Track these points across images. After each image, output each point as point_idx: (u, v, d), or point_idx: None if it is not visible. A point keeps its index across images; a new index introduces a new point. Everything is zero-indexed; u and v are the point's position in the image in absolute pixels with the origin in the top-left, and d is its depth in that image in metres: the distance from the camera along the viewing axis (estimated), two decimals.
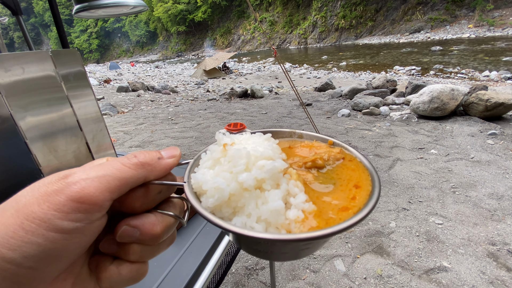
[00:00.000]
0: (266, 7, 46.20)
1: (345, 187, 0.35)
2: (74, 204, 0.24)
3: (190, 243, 0.99)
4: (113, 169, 0.28)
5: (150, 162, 0.31)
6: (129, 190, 0.30)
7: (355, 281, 1.91)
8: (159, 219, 0.30)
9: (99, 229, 0.28)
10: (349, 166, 0.40)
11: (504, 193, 2.68)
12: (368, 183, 0.35)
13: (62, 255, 0.25)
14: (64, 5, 52.00)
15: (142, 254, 0.30)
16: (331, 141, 0.44)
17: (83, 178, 0.26)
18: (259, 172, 0.33)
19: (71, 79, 1.22)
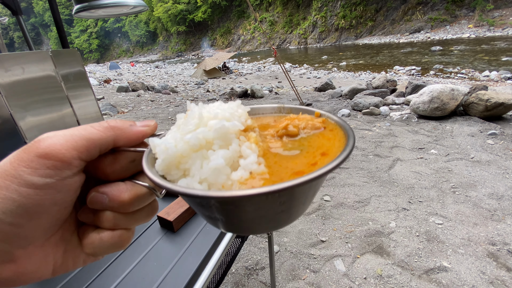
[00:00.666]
0: (266, 7, 46.19)
1: (311, 154, 0.33)
2: (41, 160, 0.25)
3: (190, 243, 0.99)
4: (81, 130, 0.28)
5: (120, 126, 0.31)
6: (100, 156, 0.30)
7: (355, 281, 1.91)
8: (129, 187, 0.31)
9: (74, 188, 0.28)
10: (327, 135, 0.37)
11: (504, 193, 2.68)
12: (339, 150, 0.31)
13: (39, 210, 0.26)
14: (64, 5, 52.00)
15: (115, 222, 0.30)
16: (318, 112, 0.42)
17: (50, 136, 0.27)
18: (206, 131, 0.31)
19: (71, 79, 1.22)
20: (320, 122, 0.38)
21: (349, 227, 2.43)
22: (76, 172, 0.28)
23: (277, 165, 0.31)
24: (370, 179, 3.16)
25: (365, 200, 2.78)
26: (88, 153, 0.28)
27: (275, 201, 0.29)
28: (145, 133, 0.33)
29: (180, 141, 0.30)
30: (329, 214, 2.62)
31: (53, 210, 0.27)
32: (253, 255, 2.21)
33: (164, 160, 0.30)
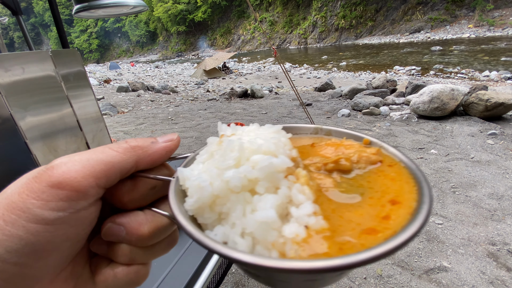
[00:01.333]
0: (266, 7, 46.21)
1: (377, 201, 0.26)
2: (54, 191, 0.22)
3: (190, 243, 0.99)
4: (98, 153, 0.25)
5: (142, 145, 0.27)
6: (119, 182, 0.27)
7: (355, 281, 1.91)
8: (149, 218, 0.27)
9: (90, 221, 0.25)
10: (388, 173, 0.30)
11: (504, 193, 2.68)
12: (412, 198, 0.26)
13: (48, 249, 0.22)
14: (64, 5, 52.04)
15: (132, 256, 0.27)
16: (367, 139, 0.35)
17: (64, 162, 0.23)
18: (250, 169, 0.25)
19: (71, 79, 1.22)
20: (374, 154, 0.32)
21: None
22: (92, 202, 0.25)
23: (336, 216, 0.25)
24: None
25: None
26: (107, 180, 0.25)
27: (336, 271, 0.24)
28: (169, 149, 0.29)
29: (216, 179, 0.26)
30: None
31: (65, 246, 0.24)
32: None
33: (197, 201, 0.26)
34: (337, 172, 0.31)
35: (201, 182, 0.26)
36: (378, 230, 0.23)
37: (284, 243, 0.23)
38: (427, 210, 0.23)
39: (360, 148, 0.33)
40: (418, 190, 0.26)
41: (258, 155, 0.27)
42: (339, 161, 0.31)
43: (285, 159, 0.27)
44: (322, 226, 0.24)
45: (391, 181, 0.29)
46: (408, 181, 0.28)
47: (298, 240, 0.23)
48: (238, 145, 0.27)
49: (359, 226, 0.24)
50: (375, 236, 0.23)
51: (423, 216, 0.22)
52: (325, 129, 0.40)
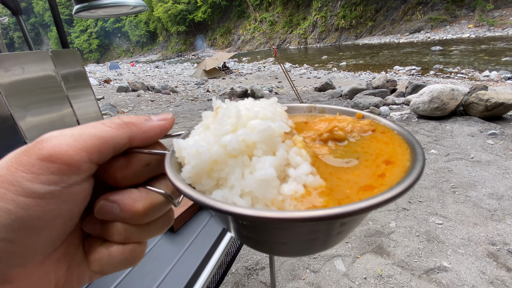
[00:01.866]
0: (266, 7, 46.20)
1: (372, 163, 0.28)
2: (45, 164, 0.21)
3: (190, 243, 0.99)
4: (90, 128, 0.24)
5: (135, 122, 0.27)
6: (112, 159, 0.26)
7: (355, 281, 1.91)
8: (143, 195, 0.27)
9: (82, 197, 0.24)
10: (381, 138, 0.31)
11: (504, 193, 2.68)
12: (406, 158, 0.27)
13: (39, 225, 0.22)
14: (64, 5, 52.03)
15: (127, 235, 0.26)
16: (360, 113, 0.36)
17: (54, 135, 0.23)
18: (248, 133, 0.26)
19: (71, 79, 1.22)
20: (367, 124, 0.33)
21: None
22: (85, 178, 0.24)
23: (334, 178, 0.26)
24: None
25: None
26: (100, 155, 0.24)
27: (337, 222, 0.24)
28: (163, 128, 0.29)
29: (214, 145, 0.26)
30: None
31: (57, 223, 0.23)
32: (253, 255, 2.21)
33: (194, 167, 0.25)
34: (331, 141, 0.32)
35: (198, 147, 0.26)
36: (374, 186, 0.24)
37: (283, 200, 0.24)
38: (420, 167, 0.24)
39: (353, 120, 0.34)
40: (411, 152, 0.27)
41: (256, 120, 0.27)
42: (333, 130, 0.32)
43: (282, 124, 0.27)
44: (320, 184, 0.24)
45: (384, 144, 0.30)
46: (401, 145, 0.29)
47: (297, 197, 0.23)
48: (235, 111, 0.27)
49: (356, 184, 0.25)
50: (372, 192, 0.24)
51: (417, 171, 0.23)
52: (319, 107, 0.40)
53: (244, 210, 0.21)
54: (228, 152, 0.25)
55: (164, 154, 0.28)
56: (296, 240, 0.26)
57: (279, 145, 0.26)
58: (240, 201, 0.24)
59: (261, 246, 0.29)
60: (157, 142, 0.30)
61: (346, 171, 0.27)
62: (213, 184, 0.26)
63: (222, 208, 0.21)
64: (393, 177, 0.25)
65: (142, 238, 0.28)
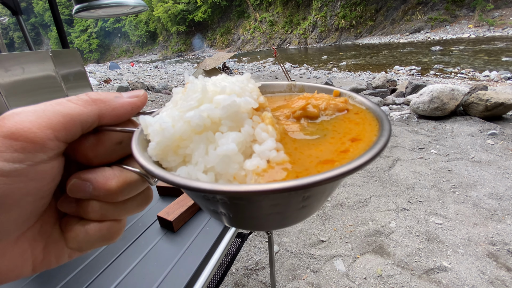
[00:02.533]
0: (266, 7, 46.20)
1: (338, 140, 0.28)
2: (7, 141, 0.21)
3: (190, 243, 0.99)
4: (55, 105, 0.23)
5: (104, 99, 0.26)
6: (81, 137, 0.26)
7: (355, 281, 1.91)
8: (116, 173, 0.26)
9: (52, 176, 0.24)
10: (353, 119, 0.32)
11: (504, 193, 2.68)
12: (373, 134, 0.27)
13: (8, 202, 0.21)
14: (64, 5, 52.03)
15: (103, 213, 0.26)
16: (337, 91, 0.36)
17: (16, 112, 0.22)
18: (213, 108, 0.25)
19: (71, 79, 1.22)
20: (342, 102, 0.33)
21: (349, 227, 2.43)
22: (53, 156, 0.23)
23: (298, 152, 0.27)
24: (370, 179, 3.16)
25: (365, 200, 2.78)
26: (67, 132, 0.24)
27: (299, 196, 0.24)
28: (134, 105, 0.28)
29: (179, 120, 0.25)
30: (329, 214, 2.62)
31: (26, 201, 0.23)
32: (253, 255, 2.21)
33: (159, 144, 0.25)
34: (304, 118, 0.32)
35: (162, 123, 0.25)
36: (335, 160, 0.25)
37: (245, 175, 0.24)
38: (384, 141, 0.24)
39: (329, 98, 0.34)
40: (379, 128, 0.27)
41: (222, 96, 0.26)
42: (306, 107, 0.32)
43: (249, 100, 0.27)
44: (283, 159, 0.24)
45: (355, 125, 0.30)
46: (371, 123, 0.29)
47: (258, 171, 0.23)
48: (201, 86, 0.27)
49: (317, 159, 0.25)
50: (332, 165, 0.24)
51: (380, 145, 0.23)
52: (299, 85, 0.40)
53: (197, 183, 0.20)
54: (193, 129, 0.25)
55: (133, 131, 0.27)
56: (262, 214, 0.27)
57: (245, 121, 0.26)
58: (204, 176, 0.24)
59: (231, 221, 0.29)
60: (129, 120, 0.29)
61: (311, 147, 0.28)
62: (180, 161, 0.26)
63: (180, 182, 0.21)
64: (357, 152, 0.25)
65: (119, 216, 0.28)
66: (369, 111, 0.32)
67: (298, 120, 0.32)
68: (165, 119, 0.26)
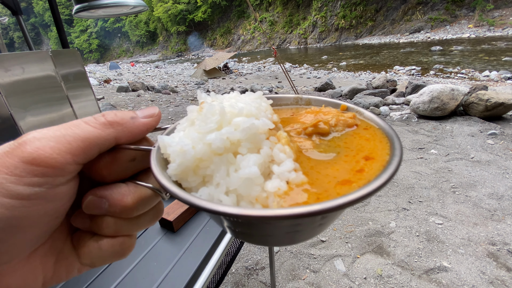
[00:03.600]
0: (266, 7, 46.19)
1: (352, 158, 0.29)
2: (28, 167, 0.21)
3: (190, 243, 0.99)
4: (74, 128, 0.24)
5: (121, 121, 0.27)
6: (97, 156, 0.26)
7: (355, 281, 1.91)
8: (131, 190, 0.27)
9: (68, 196, 0.25)
10: (363, 135, 0.32)
11: (504, 193, 2.68)
12: (385, 153, 0.28)
13: (25, 224, 0.22)
14: (64, 5, 52.01)
15: (117, 228, 0.26)
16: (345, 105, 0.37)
17: (37, 137, 0.22)
18: (232, 131, 0.26)
19: (71, 79, 1.22)
20: (351, 118, 0.34)
21: (349, 227, 2.43)
22: (70, 178, 0.24)
23: (315, 171, 0.27)
24: None
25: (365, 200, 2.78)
26: (85, 156, 0.24)
27: (317, 218, 0.25)
28: (149, 126, 0.29)
29: (199, 142, 0.26)
30: None
31: (43, 222, 0.23)
32: (253, 255, 2.21)
33: (180, 165, 0.26)
34: (316, 135, 0.33)
35: (183, 146, 0.26)
36: (352, 181, 0.25)
37: (267, 197, 0.24)
38: (397, 161, 0.25)
39: (337, 113, 0.35)
40: (390, 147, 0.28)
41: (240, 118, 0.27)
42: (317, 124, 0.33)
43: (266, 121, 0.28)
44: (302, 180, 0.25)
45: (366, 141, 0.31)
46: (381, 141, 0.31)
47: (280, 193, 0.24)
48: (219, 108, 0.28)
49: (335, 179, 0.26)
50: (350, 186, 0.25)
51: (394, 166, 0.24)
52: (305, 98, 0.41)
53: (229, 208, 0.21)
54: (213, 150, 0.26)
55: (150, 150, 0.28)
56: (281, 232, 0.27)
57: (263, 142, 0.27)
58: (226, 198, 0.24)
59: (249, 238, 0.30)
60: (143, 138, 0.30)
61: (326, 165, 0.28)
62: (200, 181, 0.26)
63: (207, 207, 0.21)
64: (372, 172, 0.26)
65: (132, 231, 0.28)
66: (378, 127, 0.33)
67: (309, 136, 0.33)
68: (185, 141, 0.27)
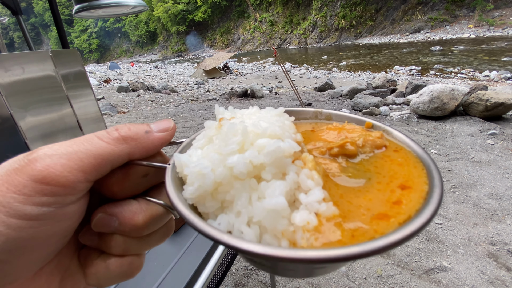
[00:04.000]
0: (266, 7, 46.19)
1: (386, 186, 0.25)
2: (37, 186, 0.20)
3: (190, 243, 0.99)
4: (86, 144, 0.23)
5: (135, 136, 0.25)
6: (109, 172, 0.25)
7: (355, 281, 1.91)
8: (143, 208, 0.26)
9: (78, 215, 0.23)
10: (394, 158, 0.29)
11: (504, 193, 2.68)
12: (423, 181, 0.25)
13: (33, 245, 0.21)
14: (64, 5, 52.02)
15: (126, 247, 0.25)
16: (370, 123, 0.33)
17: (48, 154, 0.21)
18: (256, 154, 0.24)
19: (71, 79, 1.22)
20: (379, 138, 0.31)
21: None
22: (81, 197, 0.23)
23: (345, 201, 0.24)
24: None
25: None
26: (97, 173, 0.23)
27: None
28: (164, 141, 0.27)
29: (219, 165, 0.24)
30: None
31: (50, 242, 0.22)
32: None
33: (198, 189, 0.24)
34: (342, 156, 0.29)
35: (202, 169, 0.24)
36: (390, 215, 0.22)
37: (294, 231, 0.22)
38: (439, 193, 0.22)
39: (363, 132, 0.32)
40: (427, 174, 0.25)
41: (264, 139, 0.25)
42: (344, 145, 0.29)
43: (292, 143, 0.25)
44: (333, 213, 0.22)
45: (398, 166, 0.28)
46: (416, 166, 0.27)
47: (309, 228, 0.21)
48: (241, 128, 0.25)
49: (369, 212, 0.23)
50: (388, 222, 0.21)
51: (436, 199, 0.21)
52: (325, 113, 0.38)
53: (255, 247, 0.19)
54: (234, 175, 0.23)
55: (165, 168, 0.26)
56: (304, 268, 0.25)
57: (289, 167, 0.24)
58: (247, 230, 0.22)
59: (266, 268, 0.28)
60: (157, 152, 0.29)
61: (358, 194, 0.25)
62: (218, 207, 0.24)
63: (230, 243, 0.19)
64: (411, 204, 0.23)
65: (142, 250, 0.27)
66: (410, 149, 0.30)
67: (334, 158, 0.30)
68: (204, 162, 0.24)
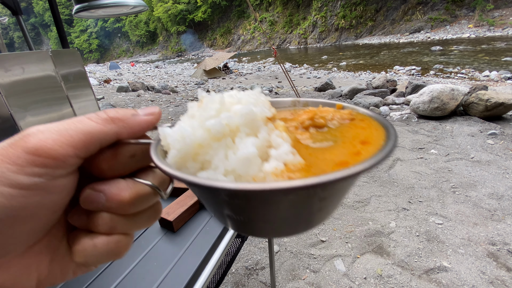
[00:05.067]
0: (266, 7, 46.18)
1: (349, 144, 0.29)
2: (30, 157, 0.22)
3: (190, 243, 0.98)
4: (76, 123, 0.25)
5: (122, 117, 0.27)
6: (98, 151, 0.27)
7: (355, 281, 1.91)
8: (130, 185, 0.27)
9: (68, 189, 0.25)
10: (359, 125, 0.33)
11: (504, 193, 2.68)
12: (381, 139, 0.28)
13: (23, 215, 0.22)
14: (64, 5, 52.00)
15: (113, 225, 0.26)
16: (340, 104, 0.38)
17: (41, 130, 0.23)
18: (232, 117, 0.27)
19: (71, 79, 1.22)
20: (347, 114, 0.35)
21: (349, 227, 2.43)
22: (71, 171, 0.24)
23: (312, 157, 0.28)
24: (370, 179, 3.16)
25: (365, 200, 2.78)
26: (87, 150, 0.25)
27: (315, 196, 0.25)
28: (150, 123, 0.29)
29: (198, 129, 0.27)
30: None
31: (41, 214, 0.23)
32: (253, 255, 2.21)
33: (179, 151, 0.26)
34: (312, 127, 0.34)
35: (183, 132, 0.26)
36: (349, 162, 0.26)
37: (264, 177, 0.25)
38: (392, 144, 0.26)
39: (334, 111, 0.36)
40: (386, 134, 0.29)
41: (239, 105, 0.28)
42: (314, 117, 0.34)
43: (264, 109, 0.29)
44: (299, 162, 0.26)
45: (362, 129, 0.32)
46: (377, 129, 0.31)
47: (277, 173, 0.25)
48: (219, 98, 0.29)
49: (332, 161, 0.27)
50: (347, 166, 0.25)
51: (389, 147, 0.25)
52: (303, 101, 0.43)
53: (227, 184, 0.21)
54: (212, 136, 0.26)
55: (150, 143, 0.29)
56: (278, 217, 0.27)
57: (261, 128, 0.28)
58: (224, 179, 0.25)
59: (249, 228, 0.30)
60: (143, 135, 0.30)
61: (324, 151, 0.29)
62: (198, 168, 0.26)
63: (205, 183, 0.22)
64: (368, 154, 0.26)
65: (129, 230, 0.28)
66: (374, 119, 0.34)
67: (306, 129, 0.33)
68: (185, 127, 0.27)
